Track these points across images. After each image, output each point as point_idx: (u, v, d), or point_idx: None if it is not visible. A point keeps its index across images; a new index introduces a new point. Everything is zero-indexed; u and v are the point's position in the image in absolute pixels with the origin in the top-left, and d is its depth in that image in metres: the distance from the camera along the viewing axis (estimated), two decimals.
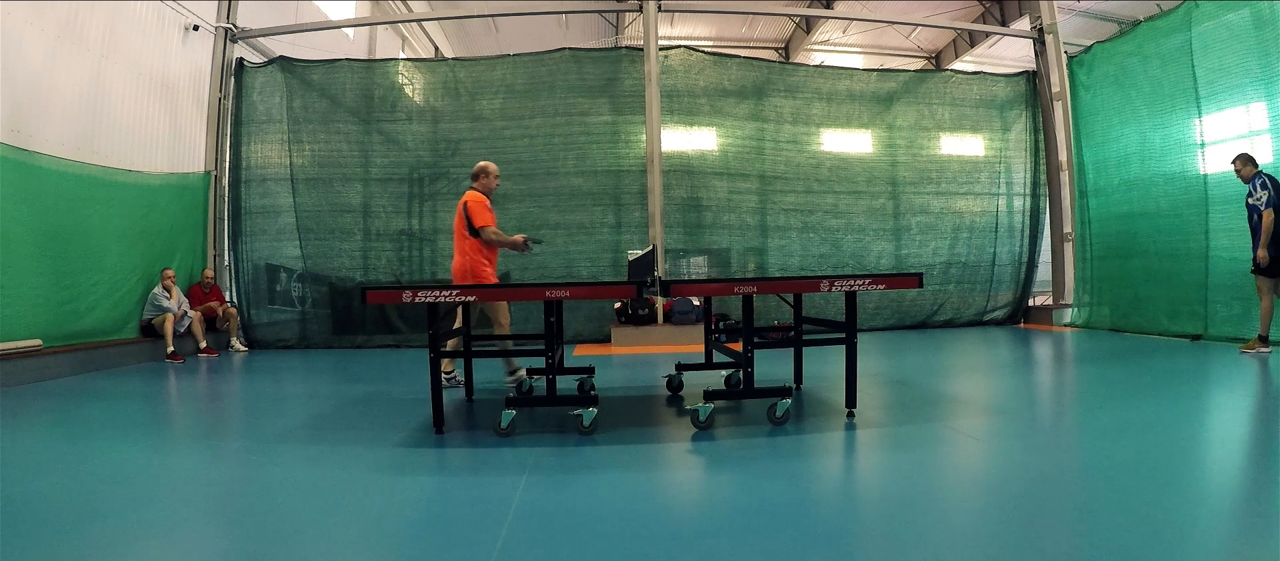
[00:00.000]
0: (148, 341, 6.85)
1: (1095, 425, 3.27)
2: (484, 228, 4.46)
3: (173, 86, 7.70)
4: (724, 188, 8.45)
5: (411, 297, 3.12)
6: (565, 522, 2.07)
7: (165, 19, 7.55)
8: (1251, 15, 6.01)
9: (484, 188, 4.67)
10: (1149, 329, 6.98)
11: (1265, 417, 3.28)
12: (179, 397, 4.89)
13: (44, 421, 3.94)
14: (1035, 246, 9.08)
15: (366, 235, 8.24)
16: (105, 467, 2.84)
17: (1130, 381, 4.44)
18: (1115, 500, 2.16)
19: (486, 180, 4.69)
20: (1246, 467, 2.52)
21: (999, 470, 2.65)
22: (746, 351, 3.38)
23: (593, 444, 3.01)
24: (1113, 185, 7.81)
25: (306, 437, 3.31)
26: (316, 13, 10.99)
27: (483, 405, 4.00)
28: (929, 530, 2.00)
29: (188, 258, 7.80)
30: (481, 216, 4.48)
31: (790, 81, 8.82)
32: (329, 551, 1.98)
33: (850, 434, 3.13)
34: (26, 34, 5.83)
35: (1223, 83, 6.35)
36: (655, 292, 3.64)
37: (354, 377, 5.47)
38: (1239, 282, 6.17)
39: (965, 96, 9.08)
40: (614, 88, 8.28)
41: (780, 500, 2.25)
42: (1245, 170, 5.45)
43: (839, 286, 3.36)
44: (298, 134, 8.21)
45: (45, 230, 5.89)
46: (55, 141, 6.09)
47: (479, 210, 4.49)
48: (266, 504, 2.39)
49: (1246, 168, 5.45)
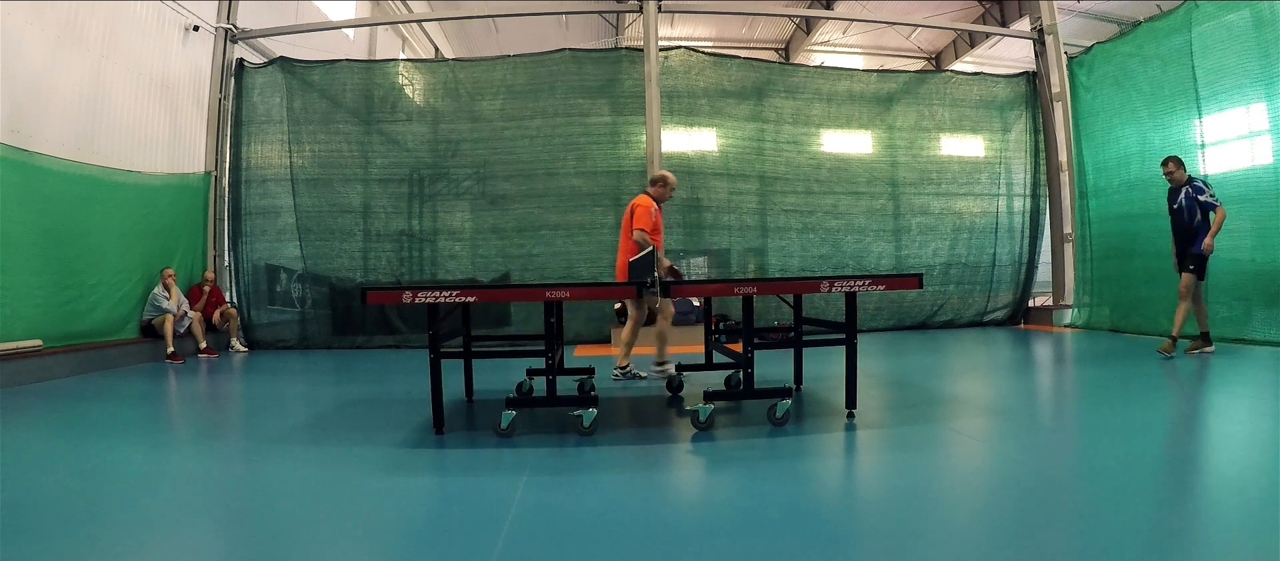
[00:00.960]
0: (148, 342, 6.84)
1: (1095, 426, 3.27)
2: (639, 231, 4.65)
3: (173, 87, 7.69)
4: (724, 188, 8.45)
5: (411, 298, 3.12)
6: (565, 523, 2.07)
7: (165, 19, 7.55)
8: (1251, 15, 6.01)
9: (656, 194, 4.84)
10: (1149, 329, 6.98)
11: (1265, 418, 3.27)
12: (179, 398, 4.88)
13: (44, 421, 3.94)
14: (1035, 247, 9.08)
15: (366, 236, 8.23)
16: (105, 468, 2.83)
17: (1130, 382, 4.44)
18: (1115, 501, 2.15)
19: (661, 189, 4.86)
20: (1246, 468, 2.52)
21: (999, 471, 2.65)
22: (746, 352, 3.38)
23: (593, 444, 3.01)
24: (1113, 186, 7.81)
25: (306, 438, 3.31)
26: (316, 13, 11.00)
27: (483, 405, 4.00)
28: (929, 531, 2.00)
29: (188, 258, 7.80)
30: (641, 220, 4.66)
31: (790, 82, 8.82)
32: (329, 552, 1.98)
33: (850, 434, 3.13)
34: (26, 34, 5.82)
35: (1223, 83, 6.35)
36: (655, 293, 3.64)
37: (354, 378, 5.47)
38: (1239, 283, 6.18)
39: (965, 97, 9.08)
40: (614, 88, 8.28)
41: (780, 500, 2.25)
42: (1178, 173, 5.53)
43: (839, 287, 3.37)
44: (298, 134, 8.21)
45: (45, 230, 5.89)
46: (55, 142, 6.09)
47: (643, 215, 4.68)
48: (266, 504, 2.39)
49: (1179, 171, 5.53)
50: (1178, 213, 5.53)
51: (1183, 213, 5.48)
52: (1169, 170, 5.59)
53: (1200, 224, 5.38)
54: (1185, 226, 5.47)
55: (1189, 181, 5.50)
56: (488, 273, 8.14)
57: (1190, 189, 5.43)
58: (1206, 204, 5.34)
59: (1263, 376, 4.42)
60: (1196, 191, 5.39)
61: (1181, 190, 5.50)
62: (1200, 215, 5.37)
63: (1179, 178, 5.54)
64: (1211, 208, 5.34)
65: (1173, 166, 5.57)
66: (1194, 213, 5.40)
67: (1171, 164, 5.57)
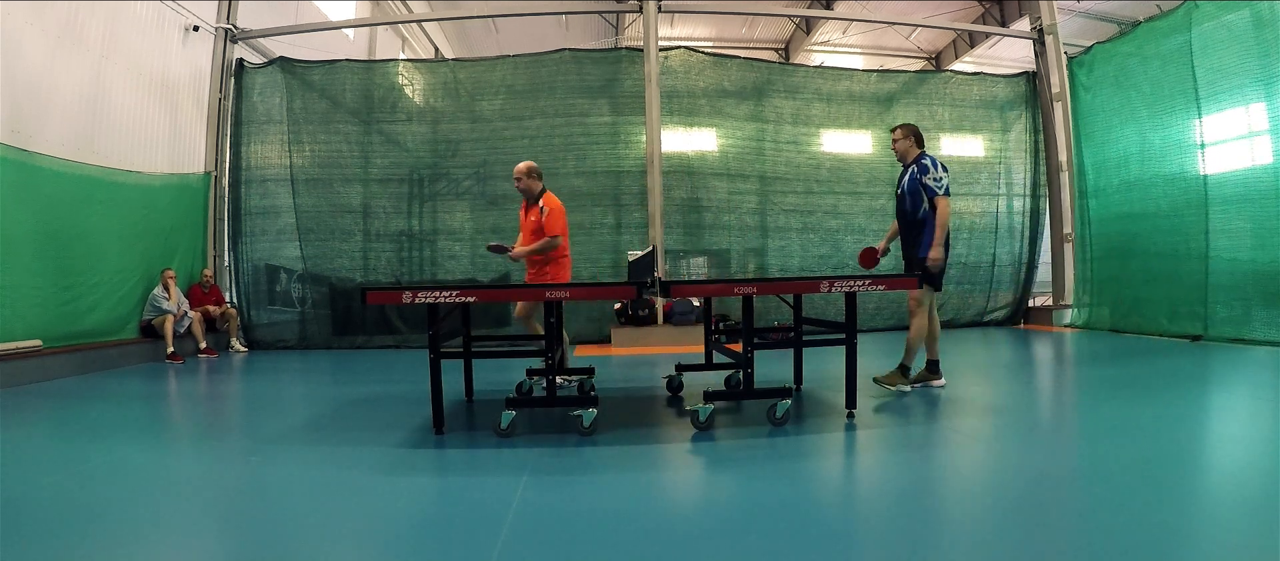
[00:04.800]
0: (148, 342, 6.84)
1: (1095, 426, 3.27)
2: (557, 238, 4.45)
3: (173, 87, 7.70)
4: (724, 188, 8.45)
5: (411, 298, 3.12)
6: (565, 523, 2.07)
7: (165, 19, 7.55)
8: (1251, 16, 6.00)
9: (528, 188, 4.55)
10: (1149, 330, 6.98)
11: (1266, 418, 3.27)
12: (179, 398, 4.88)
13: (44, 422, 3.94)
14: (1035, 247, 9.08)
15: (366, 236, 8.24)
16: (105, 468, 2.83)
17: (1130, 382, 4.44)
18: (1115, 501, 2.15)
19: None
20: (1247, 468, 2.52)
21: (999, 471, 2.65)
22: (746, 352, 3.38)
23: (593, 444, 3.01)
24: (1113, 186, 7.81)
25: (306, 438, 3.31)
26: (316, 13, 11.00)
27: (483, 405, 4.00)
28: (929, 531, 2.00)
29: (188, 258, 7.80)
30: (558, 226, 4.47)
31: (790, 82, 8.82)
32: (329, 552, 1.98)
33: (850, 434, 3.13)
34: (26, 34, 5.82)
35: (1223, 83, 6.35)
36: (655, 293, 3.64)
37: (354, 378, 5.46)
38: (1239, 283, 6.17)
39: (965, 97, 9.08)
40: (614, 88, 8.28)
41: (780, 501, 2.25)
42: (902, 145, 4.22)
43: (839, 287, 3.37)
44: (298, 134, 8.21)
45: (45, 230, 5.89)
46: (55, 142, 6.09)
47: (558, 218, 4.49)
48: (266, 504, 2.39)
49: (905, 141, 4.22)
50: (901, 199, 4.23)
51: (905, 199, 4.19)
52: (895, 138, 4.26)
53: (927, 214, 4.10)
54: (908, 219, 4.21)
55: (918, 158, 4.16)
56: (488, 273, 8.14)
57: (916, 168, 4.12)
58: (930, 187, 4.05)
59: (1263, 376, 4.41)
60: (922, 171, 4.08)
61: (909, 169, 4.19)
62: (926, 204, 4.09)
63: (903, 151, 4.23)
64: (933, 194, 4.05)
65: (899, 135, 4.24)
66: (919, 201, 4.12)
67: (898, 132, 4.24)
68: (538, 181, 4.55)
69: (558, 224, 4.44)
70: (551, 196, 4.54)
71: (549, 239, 4.41)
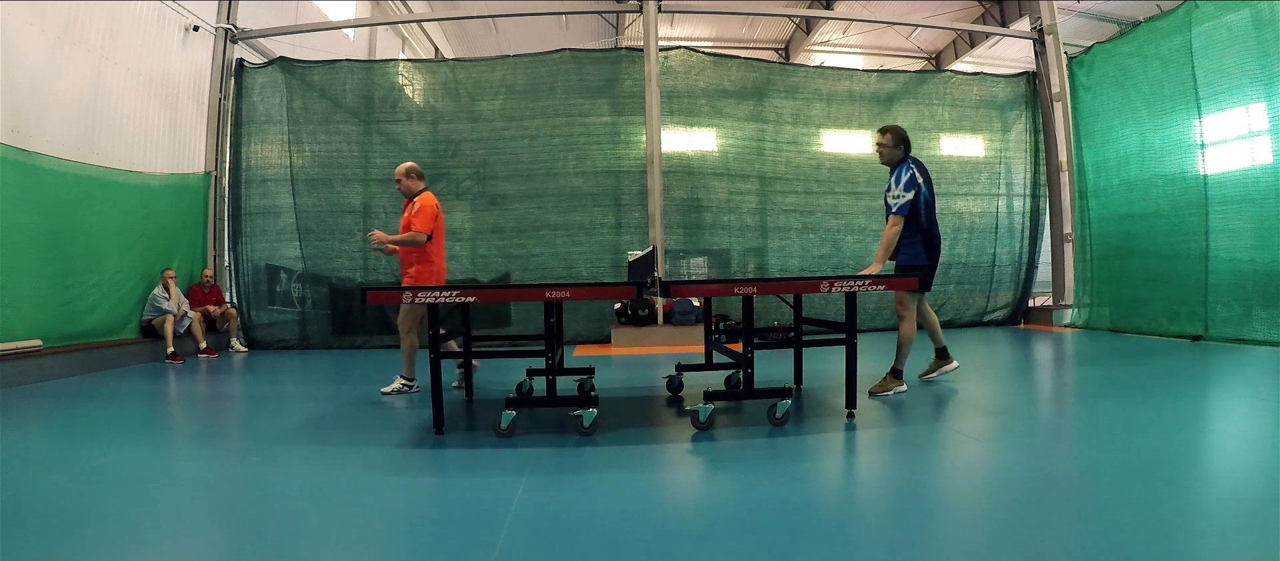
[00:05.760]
0: (148, 342, 6.84)
1: (1095, 426, 3.27)
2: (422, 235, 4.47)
3: (173, 87, 7.69)
4: (724, 188, 8.45)
5: (412, 299, 3.12)
6: (565, 523, 2.07)
7: (165, 19, 7.55)
8: (1251, 16, 6.00)
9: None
10: (1149, 330, 6.98)
11: (1266, 418, 3.27)
12: (179, 398, 4.88)
13: (44, 421, 3.94)
14: (1035, 247, 9.07)
15: (366, 236, 8.23)
16: (105, 468, 2.83)
17: (1130, 382, 4.43)
18: (1115, 501, 2.15)
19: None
20: (1247, 469, 2.52)
21: (999, 471, 2.64)
22: (746, 352, 3.38)
23: (593, 444, 3.01)
24: (1113, 186, 7.81)
25: (306, 438, 3.31)
26: (316, 13, 11.00)
27: (483, 405, 4.00)
28: (929, 531, 2.00)
29: (188, 258, 7.80)
30: (426, 223, 4.48)
31: (790, 82, 8.82)
32: (329, 552, 1.98)
33: (850, 435, 3.13)
34: (26, 34, 5.82)
35: (1223, 83, 6.35)
36: (655, 293, 3.64)
37: (354, 378, 5.46)
38: (1240, 283, 6.17)
39: (965, 97, 9.08)
40: (614, 88, 8.28)
41: (780, 501, 2.25)
42: (888, 151, 4.04)
43: (839, 287, 3.37)
44: (298, 134, 8.21)
45: (45, 230, 5.89)
46: (55, 142, 6.08)
47: (428, 216, 4.53)
48: (266, 504, 2.39)
49: (891, 148, 4.04)
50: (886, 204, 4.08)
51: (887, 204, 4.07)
52: (881, 144, 4.07)
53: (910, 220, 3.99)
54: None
55: (898, 165, 3.99)
56: (488, 273, 8.14)
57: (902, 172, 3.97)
58: (888, 203, 3.98)
59: (1262, 376, 4.41)
60: (894, 181, 3.97)
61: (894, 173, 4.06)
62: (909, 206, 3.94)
63: (888, 158, 4.07)
64: (889, 210, 3.95)
65: (887, 141, 4.04)
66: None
67: (886, 137, 4.05)
68: (418, 182, 4.65)
69: (426, 222, 4.45)
70: (428, 195, 4.61)
71: (413, 233, 4.44)
